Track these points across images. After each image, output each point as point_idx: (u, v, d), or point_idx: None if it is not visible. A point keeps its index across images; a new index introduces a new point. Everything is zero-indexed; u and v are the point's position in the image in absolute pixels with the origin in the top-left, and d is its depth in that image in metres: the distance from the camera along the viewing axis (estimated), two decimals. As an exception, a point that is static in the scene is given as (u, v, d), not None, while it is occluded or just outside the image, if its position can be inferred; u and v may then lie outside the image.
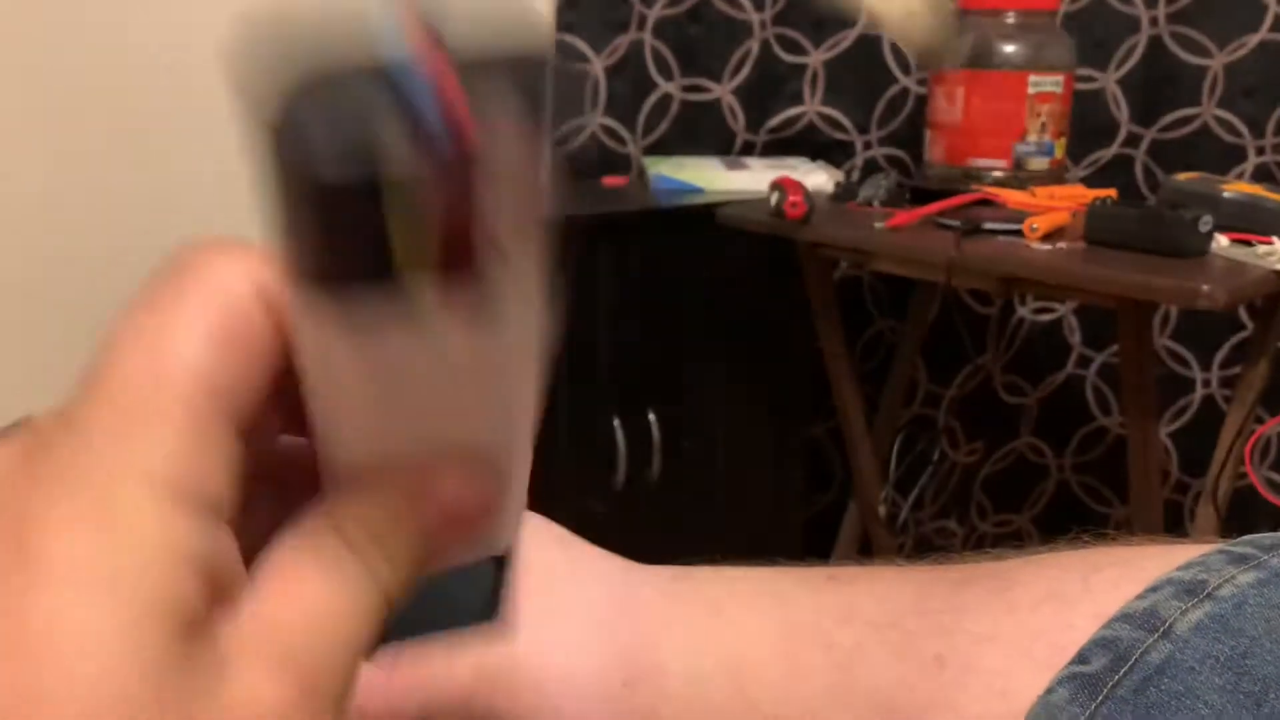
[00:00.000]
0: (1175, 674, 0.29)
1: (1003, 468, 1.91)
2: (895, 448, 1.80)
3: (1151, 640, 0.30)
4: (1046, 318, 1.83)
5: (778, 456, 1.63)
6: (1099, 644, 0.31)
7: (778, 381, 1.59)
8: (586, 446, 1.44)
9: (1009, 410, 1.88)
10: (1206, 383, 1.84)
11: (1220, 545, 0.33)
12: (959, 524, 1.92)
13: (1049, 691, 0.30)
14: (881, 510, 1.65)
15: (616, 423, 1.45)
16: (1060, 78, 1.39)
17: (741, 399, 1.56)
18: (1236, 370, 1.78)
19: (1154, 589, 0.32)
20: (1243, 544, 0.33)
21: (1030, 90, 1.36)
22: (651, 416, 1.47)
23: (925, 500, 1.86)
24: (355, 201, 0.15)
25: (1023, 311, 1.83)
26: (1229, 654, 0.29)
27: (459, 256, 0.16)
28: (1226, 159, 1.70)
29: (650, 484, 1.48)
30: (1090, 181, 1.65)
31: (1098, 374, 1.85)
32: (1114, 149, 1.75)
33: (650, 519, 1.45)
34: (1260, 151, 1.72)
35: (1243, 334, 1.80)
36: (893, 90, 1.71)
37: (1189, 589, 0.31)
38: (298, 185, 0.15)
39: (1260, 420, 1.44)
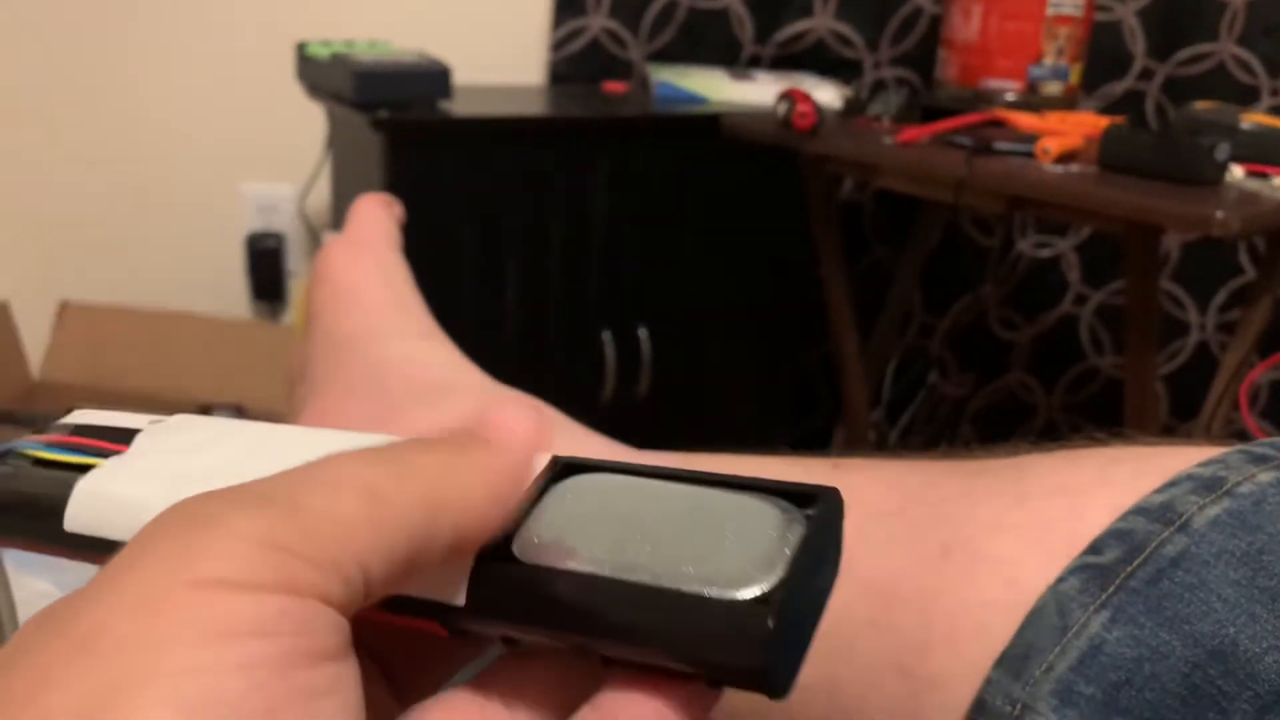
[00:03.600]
0: (1190, 567, 0.28)
1: (992, 402, 1.91)
2: (887, 376, 1.79)
3: (1167, 533, 0.29)
4: (1047, 253, 1.81)
5: (767, 380, 1.62)
6: (1113, 535, 0.30)
7: (772, 304, 1.57)
8: (575, 359, 1.43)
9: (1002, 345, 1.87)
10: (1202, 327, 1.84)
11: (1239, 446, 0.32)
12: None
13: (1059, 581, 0.29)
14: (870, 438, 1.65)
15: (606, 336, 1.44)
16: (1081, 0, 1.36)
17: (734, 319, 1.54)
18: (1233, 315, 1.77)
19: (1172, 484, 0.31)
20: (1262, 445, 0.32)
21: (1049, 11, 1.33)
22: (642, 332, 1.45)
23: (913, 430, 1.86)
24: None
25: (1023, 245, 1.81)
26: (1245, 550, 0.28)
27: None
28: (1241, 98, 1.67)
29: (637, 400, 1.47)
30: (1101, 114, 1.62)
31: (1094, 313, 1.84)
32: (1127, 82, 1.72)
33: (635, 435, 1.44)
34: (1275, 93, 1.69)
35: (1241, 279, 1.79)
36: (906, 8, 1.67)
37: (1207, 485, 0.30)
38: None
39: (1253, 365, 1.43)
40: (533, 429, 0.21)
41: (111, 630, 0.16)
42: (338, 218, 1.46)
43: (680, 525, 0.21)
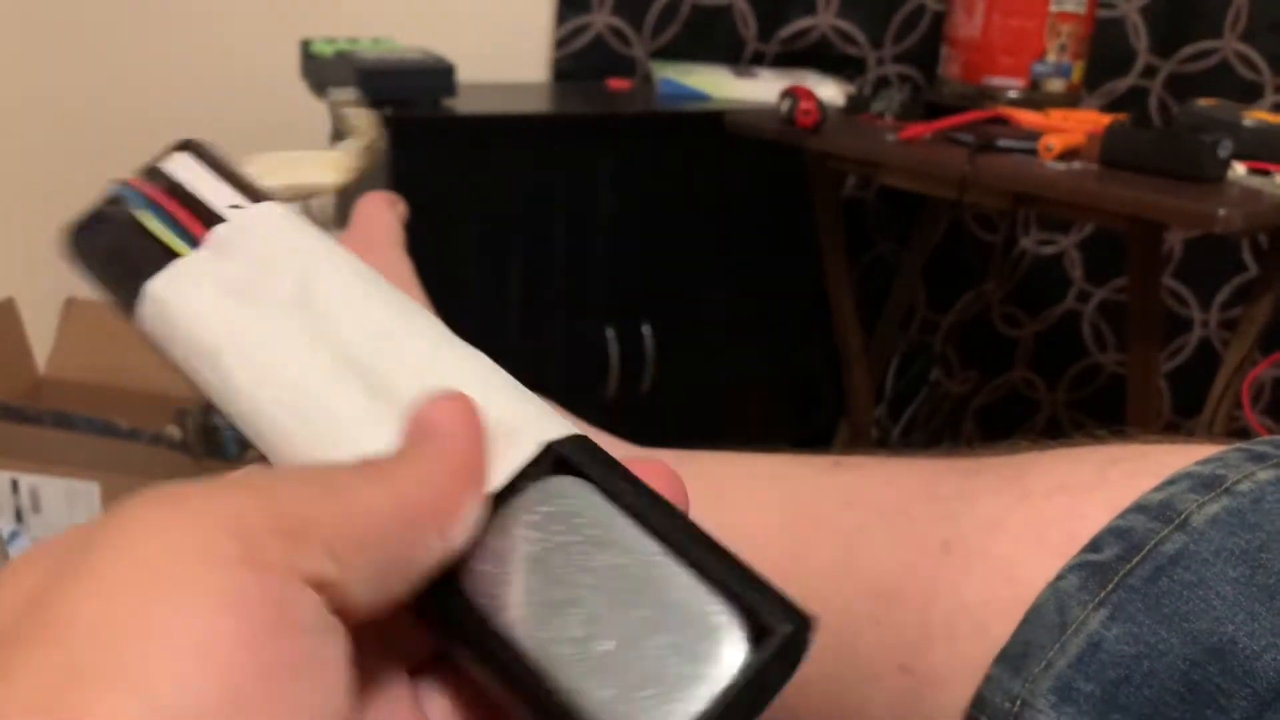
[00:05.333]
0: (1189, 565, 0.28)
1: (995, 399, 1.91)
2: (890, 373, 1.79)
3: (1166, 531, 0.29)
4: (1049, 250, 1.81)
5: (770, 376, 1.62)
6: (1112, 533, 0.30)
7: (775, 300, 1.57)
8: (578, 356, 1.43)
9: (1005, 341, 1.87)
10: (1205, 323, 1.84)
11: (1238, 444, 0.32)
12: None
13: (1059, 578, 0.29)
14: (873, 434, 1.65)
15: (610, 333, 1.44)
16: (1084, -4, 1.36)
17: (738, 316, 1.55)
18: (1235, 312, 1.77)
19: (1171, 482, 0.31)
20: (1261, 444, 0.32)
21: (1052, 8, 1.33)
22: (645, 329, 1.46)
23: (916, 426, 1.86)
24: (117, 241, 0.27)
25: (1026, 242, 1.81)
26: (1244, 548, 0.28)
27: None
28: (1244, 95, 1.67)
29: (641, 397, 1.47)
30: (1104, 111, 1.62)
31: (1097, 310, 1.84)
32: (1130, 79, 1.71)
33: (639, 432, 1.44)
34: (1278, 90, 1.69)
35: (1245, 275, 1.79)
36: (909, 5, 1.67)
37: (1206, 483, 0.30)
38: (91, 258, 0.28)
39: (1255, 362, 1.43)
40: (468, 414, 0.22)
41: (75, 615, 0.16)
42: (342, 216, 1.46)
43: (621, 607, 0.20)
